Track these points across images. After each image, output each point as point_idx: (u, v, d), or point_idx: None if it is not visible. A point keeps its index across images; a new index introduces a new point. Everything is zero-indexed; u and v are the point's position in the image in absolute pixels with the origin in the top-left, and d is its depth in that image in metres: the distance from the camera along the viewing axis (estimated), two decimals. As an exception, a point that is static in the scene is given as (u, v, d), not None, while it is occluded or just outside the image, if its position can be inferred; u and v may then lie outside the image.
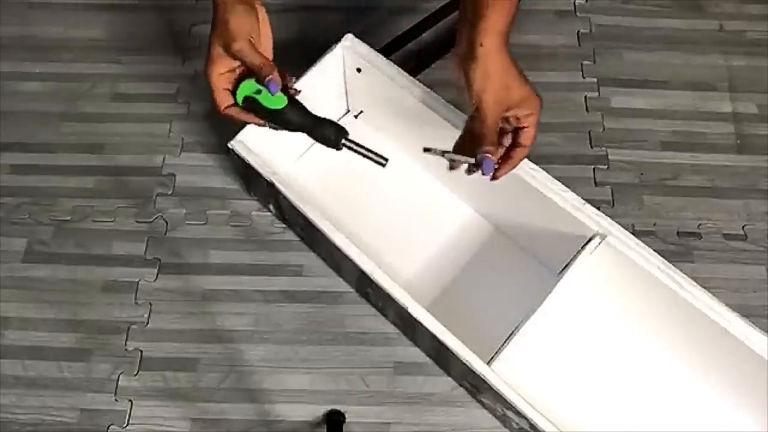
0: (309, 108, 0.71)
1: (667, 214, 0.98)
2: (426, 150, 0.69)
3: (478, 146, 0.66)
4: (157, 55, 1.10)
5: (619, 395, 0.84)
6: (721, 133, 1.03)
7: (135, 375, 0.89)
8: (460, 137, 0.70)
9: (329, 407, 0.87)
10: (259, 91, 0.69)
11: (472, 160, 0.67)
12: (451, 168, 0.71)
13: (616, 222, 0.78)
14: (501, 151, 0.69)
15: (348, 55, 0.89)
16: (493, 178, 0.70)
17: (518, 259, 0.92)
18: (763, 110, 1.05)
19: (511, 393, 0.71)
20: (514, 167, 0.70)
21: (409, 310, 0.75)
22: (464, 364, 0.73)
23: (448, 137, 0.84)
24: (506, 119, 0.68)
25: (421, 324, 0.75)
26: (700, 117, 1.05)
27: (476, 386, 0.79)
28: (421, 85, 0.85)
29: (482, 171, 0.66)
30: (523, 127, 0.68)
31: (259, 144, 0.85)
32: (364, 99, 0.97)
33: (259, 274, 0.94)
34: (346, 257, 0.79)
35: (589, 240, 0.78)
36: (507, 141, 0.70)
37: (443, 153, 0.69)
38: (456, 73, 0.67)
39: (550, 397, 0.80)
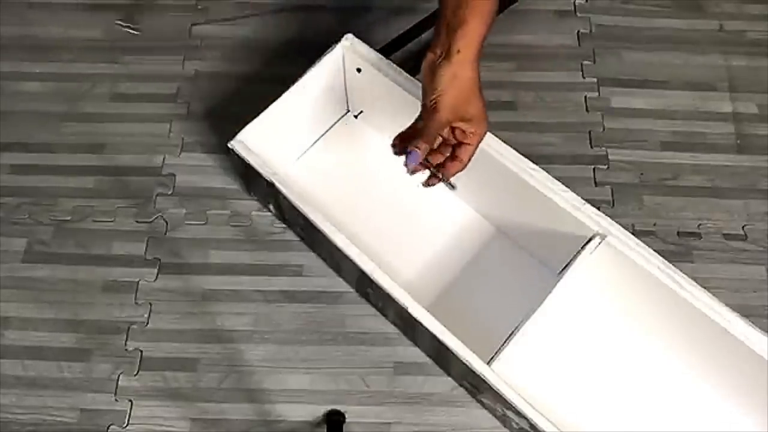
0: (310, 109, 0.71)
1: (667, 214, 0.98)
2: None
3: (415, 139, 0.68)
4: (157, 55, 1.10)
5: (619, 395, 0.84)
6: (721, 133, 1.03)
7: (135, 375, 0.89)
8: (408, 127, 0.72)
9: (329, 407, 0.87)
10: None
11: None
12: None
13: (616, 222, 0.78)
14: (439, 159, 0.72)
15: (348, 55, 0.89)
16: (426, 184, 0.74)
17: (518, 259, 0.92)
18: (763, 110, 1.05)
19: (511, 393, 0.71)
20: (446, 179, 0.73)
21: (409, 310, 0.75)
22: (464, 364, 0.73)
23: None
24: (453, 131, 0.70)
25: (421, 324, 0.75)
26: (700, 117, 1.05)
27: (476, 386, 0.79)
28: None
29: (406, 161, 0.69)
30: (465, 144, 0.71)
31: (259, 144, 0.85)
32: (364, 99, 0.97)
33: (259, 274, 0.94)
34: (346, 257, 0.79)
35: (589, 240, 0.78)
36: (446, 152, 0.72)
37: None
38: (424, 69, 0.69)
39: (550, 397, 0.80)
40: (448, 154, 0.73)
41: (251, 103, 0.86)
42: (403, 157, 0.70)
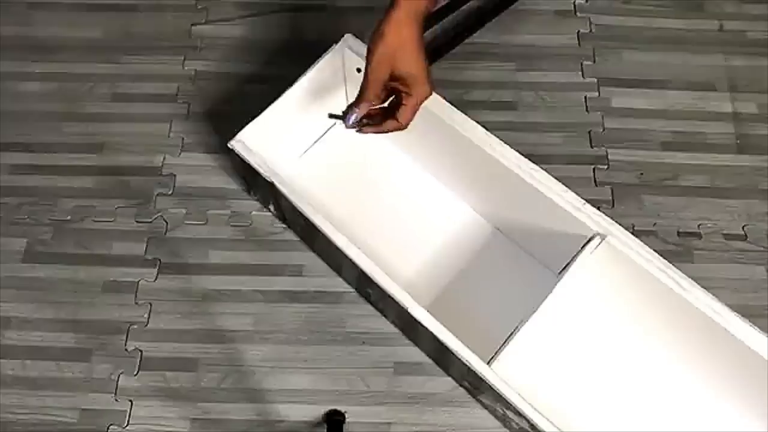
0: (310, 109, 0.71)
1: (667, 214, 0.98)
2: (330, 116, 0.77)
3: (355, 99, 0.73)
4: (157, 55, 1.10)
5: (619, 395, 0.84)
6: (721, 133, 1.03)
7: (135, 375, 0.89)
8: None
9: (329, 407, 0.87)
10: None
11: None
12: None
13: (616, 222, 0.78)
14: (378, 119, 0.75)
15: (348, 55, 0.89)
16: (359, 130, 0.76)
17: (518, 259, 0.92)
18: (763, 110, 1.05)
19: (511, 393, 0.71)
20: (381, 132, 0.76)
21: (409, 311, 0.75)
22: (464, 364, 0.73)
23: (448, 136, 0.84)
24: (392, 89, 0.73)
25: (421, 324, 0.75)
26: (700, 117, 1.05)
27: (476, 386, 0.79)
28: (421, 85, 0.85)
29: (345, 120, 0.74)
30: (402, 104, 0.73)
31: (259, 144, 0.85)
32: (364, 99, 0.97)
33: (259, 274, 0.94)
34: (346, 257, 0.79)
35: (589, 240, 0.78)
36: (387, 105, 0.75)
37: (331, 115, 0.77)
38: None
39: (550, 397, 0.80)
40: (387, 107, 0.75)
41: (251, 103, 0.86)
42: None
